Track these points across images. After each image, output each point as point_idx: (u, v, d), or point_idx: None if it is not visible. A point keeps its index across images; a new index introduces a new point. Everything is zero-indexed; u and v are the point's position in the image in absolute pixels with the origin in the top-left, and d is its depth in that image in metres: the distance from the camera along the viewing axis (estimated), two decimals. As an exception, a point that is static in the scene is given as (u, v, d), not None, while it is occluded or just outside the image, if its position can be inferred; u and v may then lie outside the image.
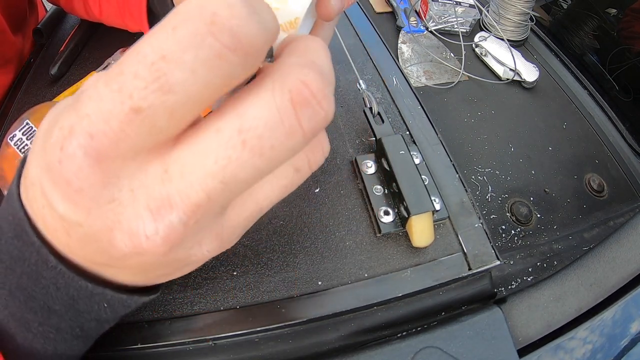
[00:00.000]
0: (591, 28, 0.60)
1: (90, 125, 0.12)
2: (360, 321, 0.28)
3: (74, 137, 0.12)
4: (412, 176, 0.30)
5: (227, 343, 0.25)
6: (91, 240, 0.14)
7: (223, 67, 0.11)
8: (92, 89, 0.12)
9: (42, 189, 0.14)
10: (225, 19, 0.10)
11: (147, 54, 0.11)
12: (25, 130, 0.34)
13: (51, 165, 0.13)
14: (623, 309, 0.30)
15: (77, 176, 0.12)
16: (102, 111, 0.11)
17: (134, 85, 0.11)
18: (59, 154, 0.12)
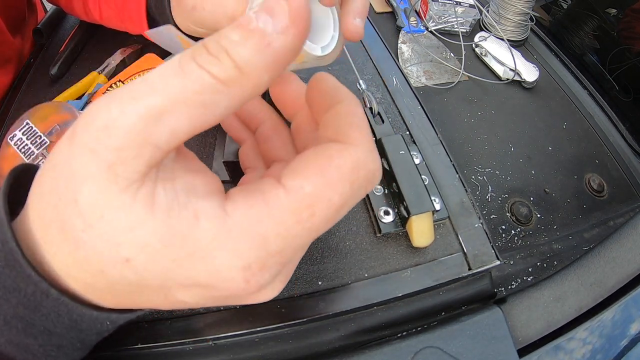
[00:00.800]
0: (591, 28, 0.60)
1: (283, 258, 0.15)
2: (360, 321, 0.28)
3: (267, 271, 0.15)
4: (412, 176, 0.30)
5: (227, 343, 0.25)
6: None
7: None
8: (274, 227, 0.14)
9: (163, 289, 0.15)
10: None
11: (336, 200, 0.14)
12: (26, 130, 0.34)
13: (217, 289, 0.15)
14: (623, 309, 0.30)
15: (256, 290, 0.15)
16: (294, 244, 0.15)
17: (321, 224, 0.15)
18: (242, 285, 0.14)
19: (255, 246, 0.14)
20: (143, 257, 0.14)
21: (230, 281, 0.14)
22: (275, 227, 0.14)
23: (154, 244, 0.13)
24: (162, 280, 0.14)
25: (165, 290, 0.15)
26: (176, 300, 0.15)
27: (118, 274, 0.14)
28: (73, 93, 0.39)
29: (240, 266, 0.14)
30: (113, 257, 0.14)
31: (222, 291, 0.14)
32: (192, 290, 0.15)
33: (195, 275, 0.14)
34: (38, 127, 0.34)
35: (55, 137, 0.33)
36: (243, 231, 0.14)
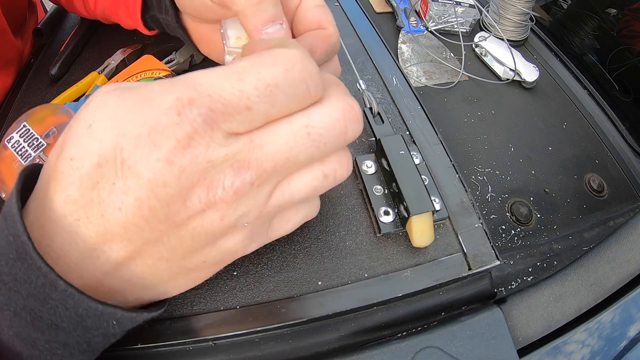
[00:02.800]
0: (591, 28, 0.60)
1: (212, 103, 0.16)
2: (360, 321, 0.28)
3: (195, 106, 0.15)
4: (412, 176, 0.30)
5: (227, 343, 0.25)
6: (161, 207, 0.16)
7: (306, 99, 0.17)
8: (209, 77, 0.16)
9: (117, 159, 0.16)
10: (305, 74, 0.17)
11: (266, 77, 0.16)
12: (23, 133, 0.34)
13: (159, 126, 0.15)
14: (623, 310, 0.30)
15: (191, 137, 0.15)
16: (222, 98, 0.16)
17: (252, 92, 0.16)
18: (176, 117, 0.15)
19: (188, 86, 0.16)
20: (101, 116, 0.16)
21: (166, 113, 0.15)
22: (207, 77, 0.16)
23: (113, 103, 0.16)
24: (117, 138, 0.16)
25: (120, 158, 0.16)
26: (132, 178, 0.16)
27: (81, 150, 0.16)
28: (73, 93, 0.39)
29: (173, 97, 0.16)
30: (79, 128, 0.16)
31: (162, 134, 0.15)
32: (141, 148, 0.15)
33: (141, 117, 0.16)
34: (35, 129, 0.34)
35: (52, 140, 0.33)
36: (183, 79, 0.16)
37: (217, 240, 0.18)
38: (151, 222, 0.16)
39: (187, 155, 0.16)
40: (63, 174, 0.16)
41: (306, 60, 0.17)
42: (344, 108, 0.18)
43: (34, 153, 0.33)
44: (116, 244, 0.17)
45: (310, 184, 0.19)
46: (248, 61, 0.16)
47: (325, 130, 0.17)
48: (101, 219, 0.16)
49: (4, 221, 0.17)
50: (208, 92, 0.16)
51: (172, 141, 0.15)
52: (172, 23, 0.34)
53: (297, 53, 0.17)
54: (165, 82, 0.16)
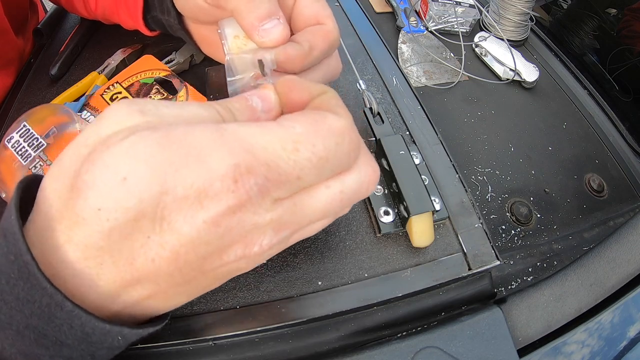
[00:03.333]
0: (591, 28, 0.60)
1: (268, 172, 0.16)
2: (360, 321, 0.28)
3: (253, 176, 0.15)
4: (412, 176, 0.30)
5: (227, 343, 0.25)
6: (197, 260, 0.16)
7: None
8: (266, 141, 0.16)
9: (159, 214, 0.15)
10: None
11: (320, 151, 0.16)
12: (23, 133, 0.34)
13: (211, 191, 0.15)
14: (623, 310, 0.30)
15: (243, 204, 0.15)
16: (279, 168, 0.16)
17: (305, 164, 0.16)
18: (232, 185, 0.15)
19: (244, 149, 0.15)
20: (140, 168, 0.15)
21: (221, 180, 0.15)
22: (264, 141, 0.16)
23: (152, 152, 0.15)
24: (158, 196, 0.15)
25: (160, 215, 0.15)
26: (171, 234, 0.15)
27: (114, 204, 0.15)
28: (73, 93, 0.39)
29: (231, 163, 0.15)
30: (109, 181, 0.15)
31: (213, 198, 0.15)
32: (185, 208, 0.15)
33: (189, 179, 0.15)
34: (35, 129, 0.34)
35: (52, 140, 0.33)
36: (235, 136, 0.16)
37: (236, 273, 0.19)
38: (184, 271, 0.16)
39: (235, 219, 0.16)
40: (86, 221, 0.15)
41: (353, 133, 0.18)
42: (370, 174, 0.19)
43: (34, 153, 0.33)
44: (141, 287, 0.17)
45: (327, 222, 0.21)
46: (303, 127, 0.16)
47: (354, 194, 0.19)
48: (129, 267, 0.16)
49: (4, 238, 0.16)
50: (266, 160, 0.16)
51: (222, 206, 0.15)
52: (174, 24, 0.34)
53: (347, 124, 0.17)
54: (213, 134, 0.16)
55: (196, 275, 0.17)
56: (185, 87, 0.38)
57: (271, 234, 0.17)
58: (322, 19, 0.26)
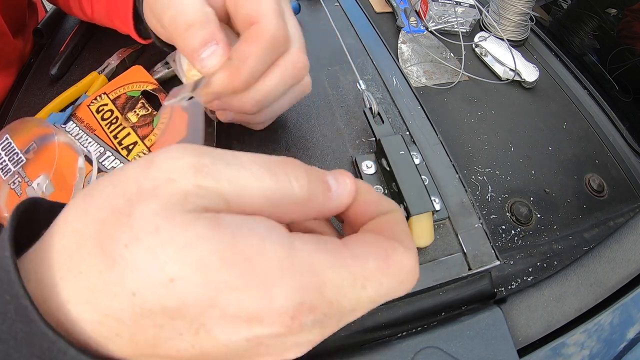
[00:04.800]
0: (591, 28, 0.60)
1: (330, 309, 0.15)
2: (361, 321, 0.28)
3: (313, 314, 0.14)
4: (412, 176, 0.30)
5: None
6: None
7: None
8: (339, 276, 0.15)
9: (199, 321, 0.13)
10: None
11: (382, 292, 0.16)
12: (5, 146, 0.34)
13: (265, 320, 0.14)
14: (622, 310, 0.30)
15: (294, 333, 0.14)
16: (341, 307, 0.15)
17: (365, 303, 0.16)
18: (288, 321, 0.14)
19: (314, 286, 0.14)
20: (195, 278, 0.13)
21: (280, 314, 0.14)
22: (335, 278, 0.15)
23: (212, 263, 0.13)
24: (205, 308, 0.13)
25: (201, 322, 0.13)
26: (207, 339, 0.14)
27: (154, 298, 0.13)
28: (73, 94, 0.40)
29: (296, 301, 0.14)
30: (155, 275, 0.13)
31: (265, 326, 0.14)
32: (231, 325, 0.14)
33: (246, 303, 0.13)
34: (16, 143, 0.34)
35: (32, 155, 0.33)
36: (307, 269, 0.14)
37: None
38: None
39: (278, 341, 0.14)
40: (116, 296, 0.13)
41: (416, 272, 0.17)
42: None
43: (13, 168, 0.33)
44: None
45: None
46: (375, 262, 0.16)
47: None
48: (149, 348, 0.14)
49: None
50: (331, 298, 0.15)
51: (270, 332, 0.14)
52: (155, 41, 0.34)
53: (415, 263, 0.17)
54: (284, 259, 0.14)
55: None
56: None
57: (306, 348, 0.16)
58: (253, 17, 0.23)
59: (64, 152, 0.33)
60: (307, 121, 0.36)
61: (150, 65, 0.40)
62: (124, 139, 0.36)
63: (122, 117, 0.37)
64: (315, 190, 0.17)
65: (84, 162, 0.33)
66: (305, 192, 0.16)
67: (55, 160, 0.32)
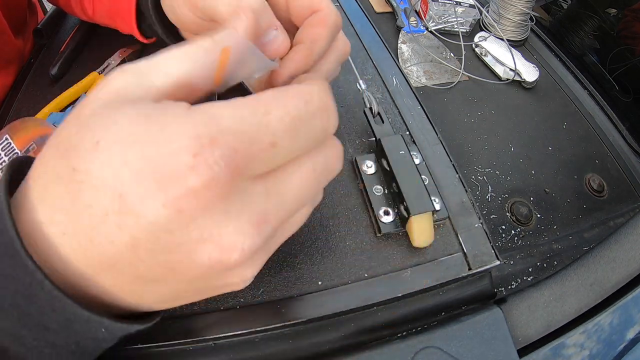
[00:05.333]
0: (591, 28, 0.60)
1: (235, 141, 0.14)
2: (361, 321, 0.28)
3: (217, 147, 0.14)
4: (412, 176, 0.30)
5: (227, 343, 0.25)
6: (162, 252, 0.15)
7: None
8: (234, 110, 0.15)
9: (116, 190, 0.14)
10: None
11: (291, 109, 0.16)
12: (5, 146, 0.34)
13: (167, 169, 0.13)
14: (623, 310, 0.30)
15: (208, 184, 0.13)
16: (245, 134, 0.14)
17: (277, 126, 0.15)
18: (191, 160, 0.13)
19: (208, 120, 0.14)
20: (110, 137, 0.14)
21: (178, 153, 0.13)
22: (230, 110, 0.15)
23: (124, 124, 0.14)
24: (119, 167, 0.14)
25: (118, 191, 0.14)
26: (128, 215, 0.14)
27: (84, 164, 0.14)
28: (73, 94, 0.39)
29: (190, 135, 0.14)
30: (87, 142, 0.14)
31: (170, 177, 0.13)
32: (143, 185, 0.14)
33: (148, 151, 0.14)
34: (16, 143, 0.34)
35: (32, 155, 0.33)
36: (200, 111, 0.14)
37: (219, 286, 0.18)
38: (147, 263, 0.15)
39: (199, 204, 0.14)
40: (61, 179, 0.15)
41: (324, 93, 0.17)
42: (335, 148, 0.18)
43: None
44: (108, 273, 0.16)
45: (304, 185, 0.19)
46: (272, 92, 0.16)
47: (325, 170, 0.18)
48: (90, 244, 0.15)
49: None
50: (233, 127, 0.14)
51: (182, 188, 0.13)
52: (165, 38, 0.34)
53: (316, 87, 0.17)
54: (181, 110, 0.15)
55: (165, 273, 0.15)
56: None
57: (251, 231, 0.15)
58: (315, 6, 0.25)
59: (64, 152, 0.33)
60: (307, 121, 0.36)
61: (150, 65, 0.40)
62: (124, 139, 0.36)
63: (122, 116, 0.37)
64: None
65: (84, 162, 0.33)
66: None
67: (55, 160, 0.32)
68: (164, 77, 0.16)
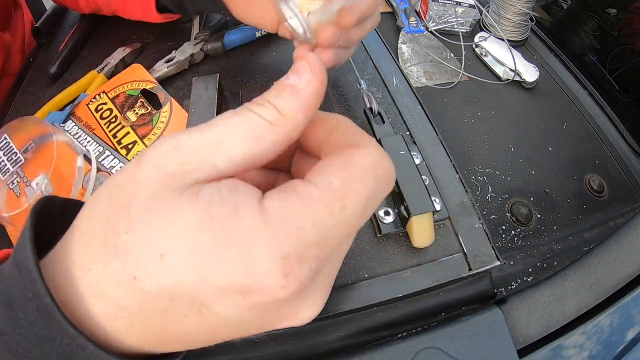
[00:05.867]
0: (591, 28, 0.60)
1: (320, 251, 0.15)
2: (361, 321, 0.28)
3: (305, 262, 0.14)
4: (413, 176, 0.29)
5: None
6: (236, 331, 0.15)
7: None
8: (310, 218, 0.14)
9: (198, 299, 0.14)
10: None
11: (363, 195, 0.15)
12: (3, 146, 0.34)
13: (257, 285, 0.14)
14: (623, 310, 0.30)
15: (298, 291, 0.14)
16: (327, 239, 0.15)
17: (353, 219, 0.15)
18: (282, 281, 0.14)
19: (292, 235, 0.14)
20: (179, 250, 0.14)
21: (268, 275, 0.14)
22: (310, 218, 0.14)
23: (191, 234, 0.14)
24: (197, 282, 0.14)
25: (199, 299, 0.14)
26: (211, 316, 0.14)
27: (150, 278, 0.14)
28: (72, 92, 0.39)
29: (278, 256, 0.14)
30: (148, 253, 0.14)
31: (260, 293, 0.14)
32: (228, 298, 0.14)
33: (232, 271, 0.14)
34: (15, 142, 0.34)
35: (31, 154, 0.33)
36: (280, 222, 0.14)
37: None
38: (218, 338, 0.16)
39: (281, 304, 0.14)
40: (121, 284, 0.14)
41: (385, 158, 0.16)
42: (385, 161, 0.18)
43: (12, 168, 0.33)
44: (171, 345, 0.16)
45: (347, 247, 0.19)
46: (338, 178, 0.15)
47: (374, 193, 0.17)
48: (162, 331, 0.15)
49: (19, 272, 0.15)
50: (316, 239, 0.14)
51: (271, 298, 0.14)
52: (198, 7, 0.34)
53: (374, 153, 0.16)
54: (257, 220, 0.14)
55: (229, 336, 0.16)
56: (169, 102, 0.38)
57: (321, 302, 0.17)
58: None
59: (63, 152, 0.33)
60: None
61: (150, 64, 0.40)
62: (123, 138, 0.36)
63: (121, 116, 0.37)
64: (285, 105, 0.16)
65: (83, 162, 0.33)
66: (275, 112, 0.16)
67: (54, 160, 0.32)
68: (228, 159, 0.15)
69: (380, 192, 0.16)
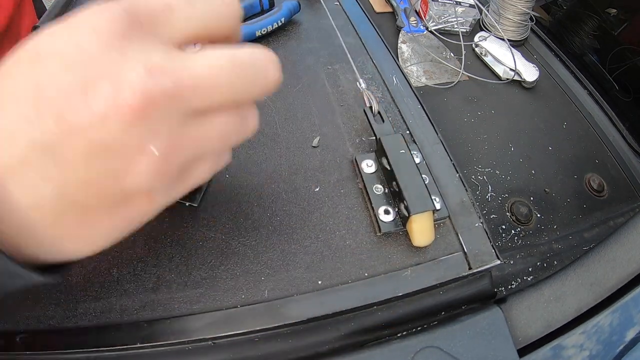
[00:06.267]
0: (591, 28, 0.60)
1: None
2: (360, 321, 0.28)
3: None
4: (413, 175, 0.29)
5: (226, 342, 0.25)
6: (59, 94, 0.14)
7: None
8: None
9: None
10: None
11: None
12: None
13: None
14: (623, 310, 0.30)
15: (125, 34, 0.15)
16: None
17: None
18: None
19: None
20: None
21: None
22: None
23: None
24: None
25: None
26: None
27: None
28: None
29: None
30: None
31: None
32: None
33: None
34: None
35: None
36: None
37: (118, 170, 0.15)
38: (43, 114, 0.14)
39: (103, 41, 0.15)
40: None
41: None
42: (267, 51, 0.18)
43: None
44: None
45: (225, 127, 0.18)
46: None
47: (249, 64, 0.17)
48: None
49: None
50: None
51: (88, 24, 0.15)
52: None
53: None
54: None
55: (59, 132, 0.14)
56: None
57: (144, 74, 0.14)
58: None
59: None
60: (307, 120, 0.35)
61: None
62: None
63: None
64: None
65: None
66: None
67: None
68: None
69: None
